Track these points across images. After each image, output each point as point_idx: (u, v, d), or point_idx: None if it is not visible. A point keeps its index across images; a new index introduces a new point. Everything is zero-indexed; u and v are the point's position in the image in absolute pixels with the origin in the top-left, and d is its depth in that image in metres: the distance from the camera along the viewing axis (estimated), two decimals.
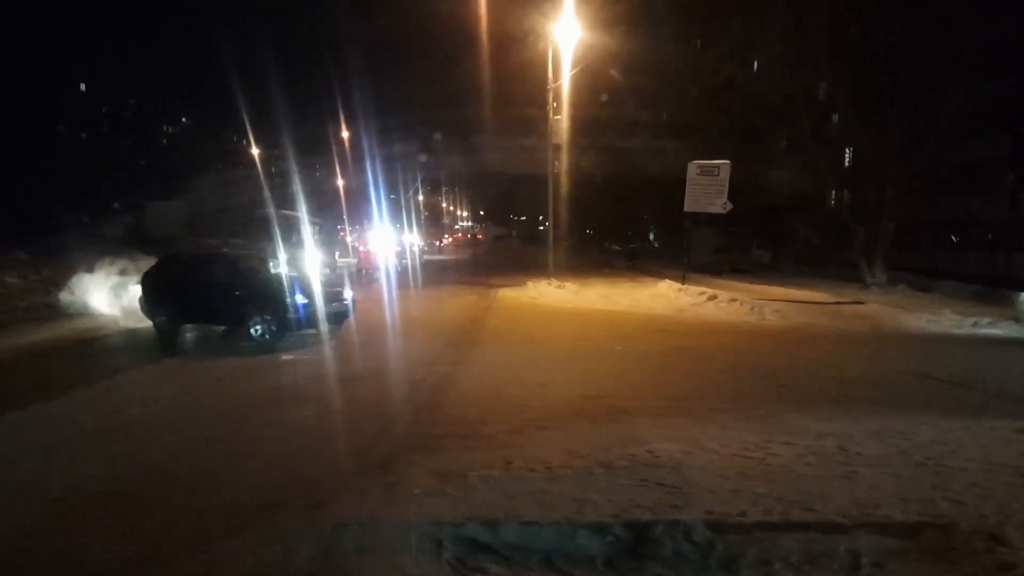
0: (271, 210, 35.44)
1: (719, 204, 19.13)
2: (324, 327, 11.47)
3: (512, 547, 3.75)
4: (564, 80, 21.05)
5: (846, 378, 8.61)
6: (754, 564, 3.55)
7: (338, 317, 12.11)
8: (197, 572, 3.71)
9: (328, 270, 22.50)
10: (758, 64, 26.52)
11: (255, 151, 47.38)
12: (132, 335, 12.47)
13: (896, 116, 22.02)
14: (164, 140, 70.24)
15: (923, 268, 26.33)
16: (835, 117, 26.16)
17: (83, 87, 59.54)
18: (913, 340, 12.34)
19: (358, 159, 49.86)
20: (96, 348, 11.86)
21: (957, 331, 13.16)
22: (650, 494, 4.28)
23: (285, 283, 11.52)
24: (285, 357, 10.50)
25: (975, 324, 13.48)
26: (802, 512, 3.99)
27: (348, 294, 12.78)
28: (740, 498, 4.20)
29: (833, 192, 28.57)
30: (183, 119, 73.49)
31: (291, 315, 11.15)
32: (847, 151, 27.20)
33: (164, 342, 11.57)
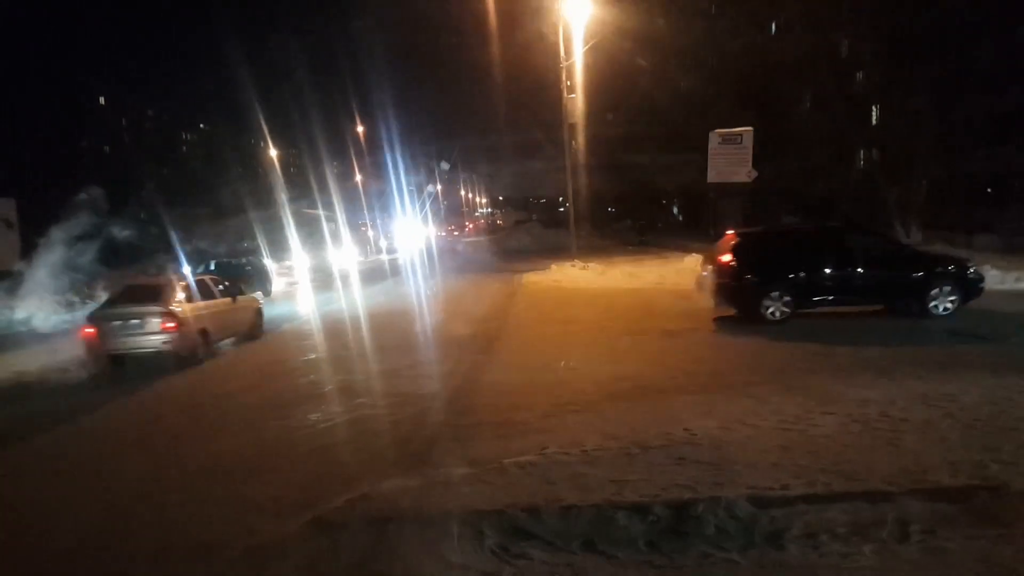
0: (291, 209, 35.73)
1: (744, 173, 18.77)
2: None
3: (553, 531, 3.74)
4: (577, 57, 20.80)
5: (886, 342, 8.44)
6: (800, 537, 3.50)
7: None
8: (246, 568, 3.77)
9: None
10: (778, 25, 25.93)
11: (273, 152, 47.77)
12: None
13: (926, 68, 21.38)
14: (184, 148, 71.11)
15: (959, 224, 25.67)
16: (860, 74, 25.52)
17: (102, 100, 60.48)
18: None
19: (375, 153, 50.04)
20: None
21: (999, 287, 12.81)
22: (689, 472, 4.24)
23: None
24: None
25: (1018, 279, 13.13)
26: (847, 482, 3.93)
27: None
28: (782, 471, 4.14)
29: (862, 152, 27.97)
30: (201, 125, 74.26)
31: (981, 284, 10.22)
32: (874, 108, 26.54)
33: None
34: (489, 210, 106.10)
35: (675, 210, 54.01)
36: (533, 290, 17.18)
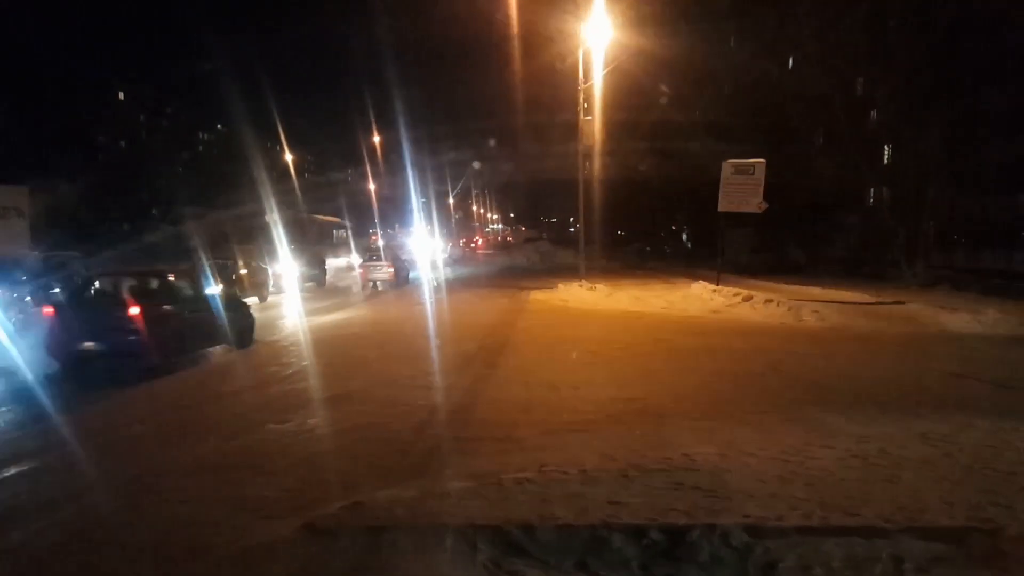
0: (305, 215, 36.03)
1: (754, 204, 18.85)
2: None
3: (547, 550, 3.74)
4: (595, 81, 20.98)
5: (887, 380, 8.42)
6: (793, 569, 3.49)
7: None
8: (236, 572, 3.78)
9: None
10: (794, 61, 26.13)
11: (289, 158, 48.17)
12: None
13: (938, 112, 21.47)
14: (200, 147, 71.64)
15: (966, 267, 25.65)
16: (874, 114, 25.65)
17: (121, 96, 61.13)
18: (956, 341, 12.01)
19: (389, 165, 50.44)
20: None
21: (1001, 332, 12.77)
22: (686, 498, 4.23)
23: None
24: None
25: (1021, 324, 13.09)
26: (843, 516, 3.92)
27: None
28: (779, 502, 4.13)
29: (872, 191, 28.04)
30: (219, 126, 74.85)
31: None
32: (886, 148, 26.64)
33: None
34: (500, 226, 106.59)
35: (684, 236, 54.10)
36: (539, 308, 17.20)
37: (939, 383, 8.36)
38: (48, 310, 9.78)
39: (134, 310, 9.21)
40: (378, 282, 25.15)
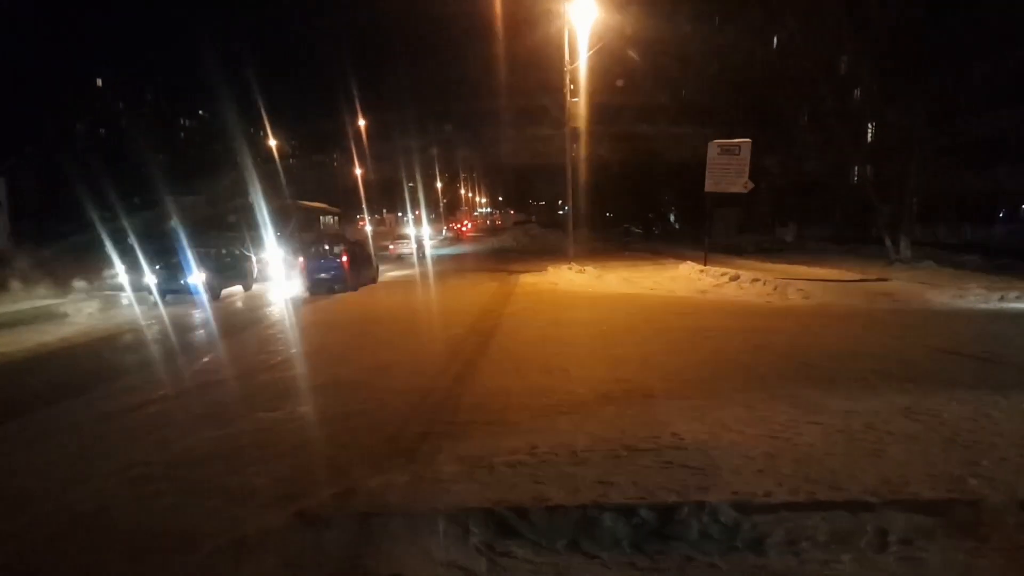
0: (289, 202, 35.76)
1: (740, 183, 18.90)
2: None
3: (539, 531, 3.78)
4: (581, 62, 20.86)
5: (872, 356, 8.51)
6: (781, 544, 3.56)
7: None
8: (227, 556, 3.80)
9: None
10: (778, 39, 26.07)
11: (272, 143, 47.70)
12: None
13: (921, 88, 21.52)
14: (181, 134, 70.79)
15: (949, 243, 25.89)
16: (857, 91, 25.69)
17: (100, 83, 60.19)
18: (940, 316, 12.15)
19: (375, 150, 50.06)
20: None
21: (984, 306, 12.94)
22: (675, 476, 4.29)
23: None
24: None
25: (1003, 298, 13.25)
26: (829, 491, 3.99)
27: None
28: (766, 478, 4.20)
29: (856, 168, 28.16)
30: (200, 112, 73.90)
31: None
32: (870, 126, 26.72)
33: None
34: (489, 210, 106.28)
35: (672, 217, 54.22)
36: (529, 291, 17.22)
37: (923, 358, 8.47)
38: (301, 260, 19.20)
39: (344, 258, 18.80)
40: (403, 254, 34.92)
